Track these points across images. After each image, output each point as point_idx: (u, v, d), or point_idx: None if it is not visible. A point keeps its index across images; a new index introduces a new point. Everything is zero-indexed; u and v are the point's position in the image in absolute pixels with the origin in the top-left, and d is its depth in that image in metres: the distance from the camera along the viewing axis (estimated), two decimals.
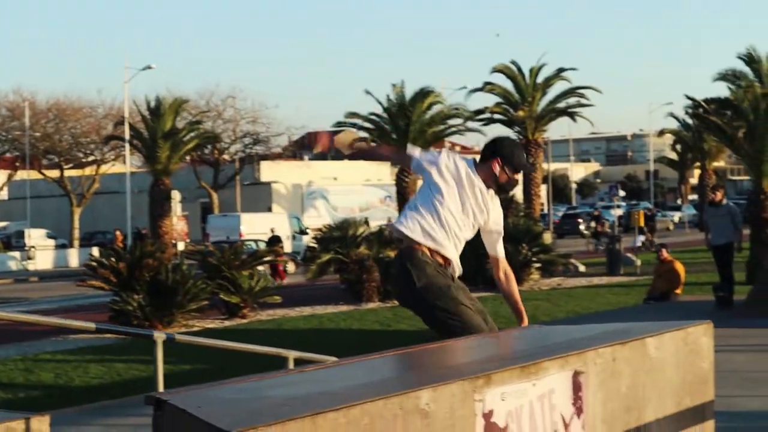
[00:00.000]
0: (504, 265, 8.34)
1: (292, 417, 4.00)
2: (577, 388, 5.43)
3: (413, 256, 7.41)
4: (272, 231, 48.79)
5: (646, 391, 5.99)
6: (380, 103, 49.42)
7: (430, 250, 7.49)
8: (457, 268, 7.87)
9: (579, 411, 5.47)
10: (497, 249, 8.19)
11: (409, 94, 49.32)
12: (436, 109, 50.29)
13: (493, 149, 7.64)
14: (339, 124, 54.53)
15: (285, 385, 4.87)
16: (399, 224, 7.47)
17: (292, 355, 12.42)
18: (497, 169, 7.57)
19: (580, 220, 76.70)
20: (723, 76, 39.46)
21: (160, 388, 10.16)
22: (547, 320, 24.06)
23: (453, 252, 7.72)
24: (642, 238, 49.31)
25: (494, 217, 7.87)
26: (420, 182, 7.83)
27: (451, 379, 4.72)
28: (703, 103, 36.63)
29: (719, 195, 23.87)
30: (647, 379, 5.98)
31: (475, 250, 32.01)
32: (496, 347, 6.39)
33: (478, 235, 7.93)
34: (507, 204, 36.48)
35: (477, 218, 7.71)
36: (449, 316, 7.46)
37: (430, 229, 7.43)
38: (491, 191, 7.66)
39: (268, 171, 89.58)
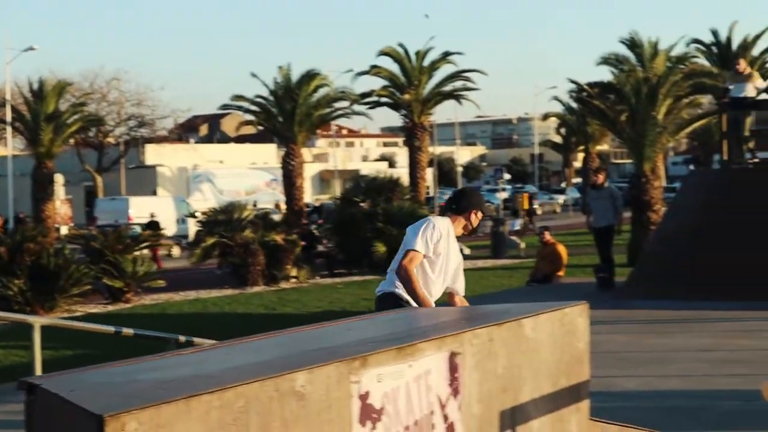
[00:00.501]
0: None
1: (166, 400, 3.97)
2: (453, 369, 5.47)
3: None
4: (152, 216, 48.21)
5: (523, 371, 6.05)
6: (266, 85, 49.12)
7: None
8: None
9: (455, 392, 5.50)
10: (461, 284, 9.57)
11: (296, 76, 49.14)
12: (322, 92, 50.11)
13: (468, 202, 9.16)
14: (225, 107, 54.08)
15: (160, 369, 4.83)
16: None
17: (174, 339, 12.34)
18: (474, 218, 9.16)
19: None
20: (606, 60, 40.00)
21: (38, 373, 10.03)
22: None
23: None
24: (520, 221, 49.71)
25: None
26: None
27: (327, 361, 4.72)
28: (586, 87, 37.08)
29: (601, 178, 24.19)
30: (523, 359, 6.04)
31: (362, 234, 31.98)
32: (373, 329, 6.40)
33: (362, 218, 8.30)
34: (392, 187, 36.60)
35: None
36: None
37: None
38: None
39: (153, 154, 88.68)
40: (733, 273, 19.83)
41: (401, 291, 8.97)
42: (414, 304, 8.69)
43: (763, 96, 24.63)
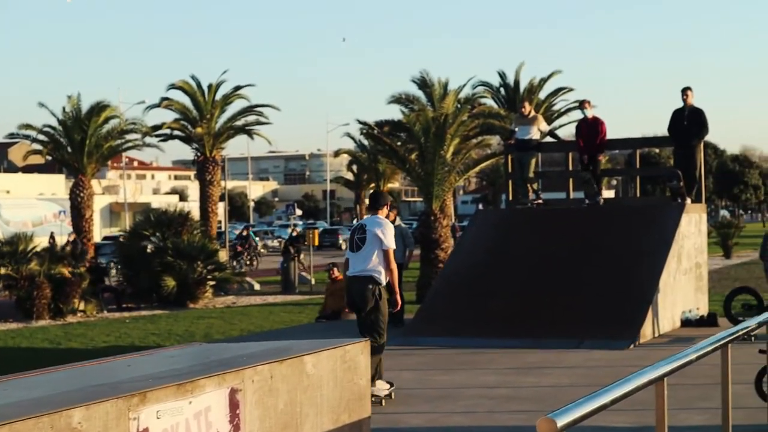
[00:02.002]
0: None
1: None
2: (234, 405, 5.49)
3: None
4: None
5: (304, 407, 6.11)
6: (54, 115, 48.15)
7: None
8: None
9: (236, 428, 5.53)
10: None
11: (86, 107, 48.29)
12: (113, 123, 49.37)
13: (384, 200, 14.14)
14: (12, 135, 52.77)
15: None
16: None
17: None
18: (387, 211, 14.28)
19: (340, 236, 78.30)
20: (397, 99, 40.47)
21: None
22: (221, 338, 24.08)
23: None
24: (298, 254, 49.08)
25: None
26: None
27: (105, 397, 4.69)
28: (374, 126, 37.46)
29: (392, 216, 24.45)
30: (304, 396, 6.11)
31: (151, 268, 31.55)
32: (154, 365, 6.38)
33: (152, 252, 8.20)
34: (182, 221, 36.30)
35: None
36: None
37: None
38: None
39: None
40: (515, 312, 20.28)
41: (380, 277, 13.28)
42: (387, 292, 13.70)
43: (548, 139, 25.41)
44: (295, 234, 52.04)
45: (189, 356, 6.92)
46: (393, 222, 24.00)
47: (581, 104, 23.69)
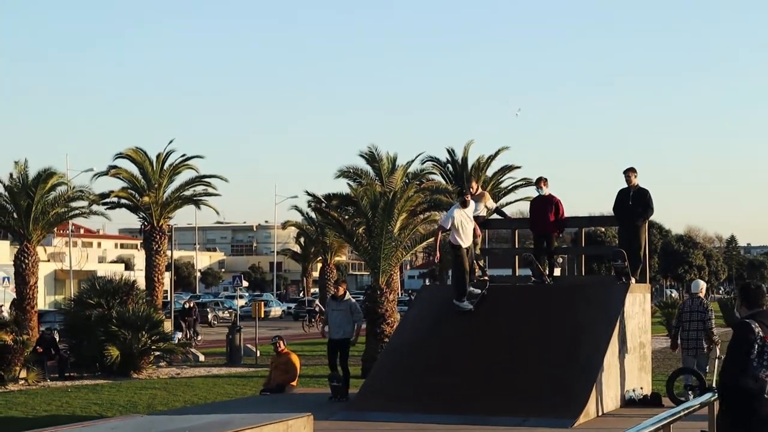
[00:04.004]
0: None
1: None
2: None
3: None
4: None
5: None
6: (1, 181, 47.97)
7: None
8: None
9: None
10: None
11: (33, 173, 48.13)
12: (60, 190, 49.21)
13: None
14: None
15: None
16: None
17: None
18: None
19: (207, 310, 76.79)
20: (345, 173, 40.63)
21: None
22: (164, 410, 23.89)
23: None
24: (179, 334, 48.34)
25: None
26: None
27: None
28: (323, 199, 37.56)
29: (341, 289, 24.46)
30: None
31: (95, 337, 31.40)
32: None
33: (96, 321, 8.13)
34: (128, 290, 36.14)
35: None
36: None
37: None
38: None
39: None
40: (460, 388, 20.28)
41: None
42: None
43: (494, 216, 25.56)
44: (187, 306, 51.27)
45: (131, 428, 6.89)
46: (343, 296, 24.11)
47: (537, 182, 23.72)
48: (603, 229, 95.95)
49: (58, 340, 36.03)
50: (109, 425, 7.04)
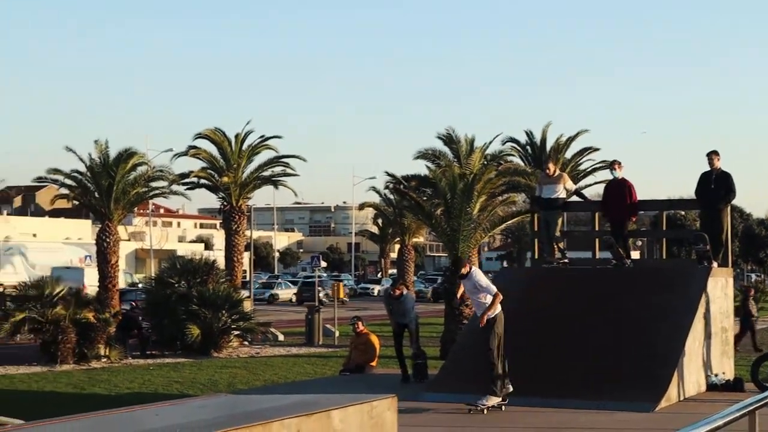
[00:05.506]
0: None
1: None
2: None
3: None
4: None
5: None
6: (82, 160, 48.44)
7: None
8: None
9: None
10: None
11: (113, 153, 48.61)
12: (140, 170, 49.68)
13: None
14: (40, 179, 53.09)
15: None
16: None
17: None
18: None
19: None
20: (423, 155, 40.57)
21: None
22: (244, 389, 24.09)
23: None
24: None
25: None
26: None
27: None
28: (402, 180, 37.53)
29: (398, 290, 24.84)
30: None
31: (176, 316, 31.69)
32: (183, 415, 6.40)
33: (177, 300, 8.16)
34: (208, 270, 36.43)
35: None
36: None
37: None
38: None
39: None
40: (540, 370, 20.23)
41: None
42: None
43: (574, 198, 25.37)
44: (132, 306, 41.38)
45: (216, 407, 6.94)
46: (399, 297, 24.31)
47: (611, 165, 23.58)
48: (683, 213, 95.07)
49: (140, 318, 36.41)
50: (196, 404, 7.09)
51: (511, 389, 18.76)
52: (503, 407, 17.37)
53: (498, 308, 18.65)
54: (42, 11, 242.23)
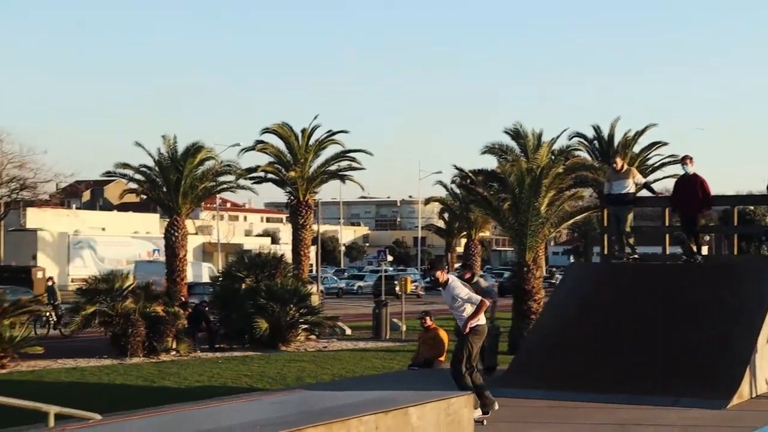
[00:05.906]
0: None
1: None
2: None
3: None
4: (50, 281, 47.69)
5: None
6: (151, 155, 48.87)
7: None
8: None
9: None
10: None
11: (181, 148, 48.96)
12: (208, 164, 50.04)
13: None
14: (109, 174, 53.58)
15: None
16: None
17: (52, 410, 12.10)
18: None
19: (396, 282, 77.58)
20: (490, 149, 40.51)
21: None
22: (312, 383, 24.14)
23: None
24: None
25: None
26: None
27: None
28: (470, 174, 37.43)
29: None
30: None
31: (244, 309, 31.74)
32: (261, 411, 6.43)
33: (245, 294, 8.21)
34: (275, 264, 36.56)
35: None
36: None
37: None
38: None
39: (34, 218, 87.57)
40: (609, 367, 20.11)
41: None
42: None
43: (643, 192, 25.16)
44: None
45: (293, 403, 6.97)
46: (471, 279, 23.90)
47: (683, 160, 23.31)
48: (752, 208, 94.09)
49: (208, 311, 36.64)
50: (273, 400, 7.13)
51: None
52: (484, 422, 15.27)
53: (482, 319, 16.43)
54: (125, 8, 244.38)
